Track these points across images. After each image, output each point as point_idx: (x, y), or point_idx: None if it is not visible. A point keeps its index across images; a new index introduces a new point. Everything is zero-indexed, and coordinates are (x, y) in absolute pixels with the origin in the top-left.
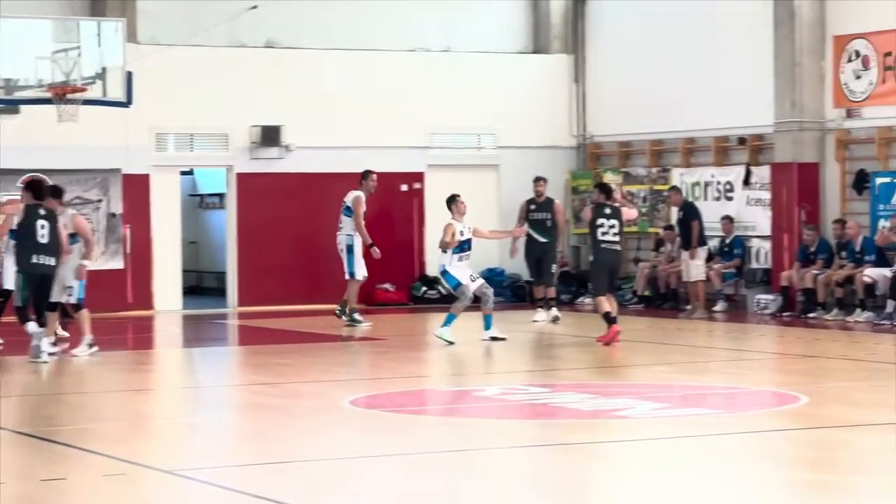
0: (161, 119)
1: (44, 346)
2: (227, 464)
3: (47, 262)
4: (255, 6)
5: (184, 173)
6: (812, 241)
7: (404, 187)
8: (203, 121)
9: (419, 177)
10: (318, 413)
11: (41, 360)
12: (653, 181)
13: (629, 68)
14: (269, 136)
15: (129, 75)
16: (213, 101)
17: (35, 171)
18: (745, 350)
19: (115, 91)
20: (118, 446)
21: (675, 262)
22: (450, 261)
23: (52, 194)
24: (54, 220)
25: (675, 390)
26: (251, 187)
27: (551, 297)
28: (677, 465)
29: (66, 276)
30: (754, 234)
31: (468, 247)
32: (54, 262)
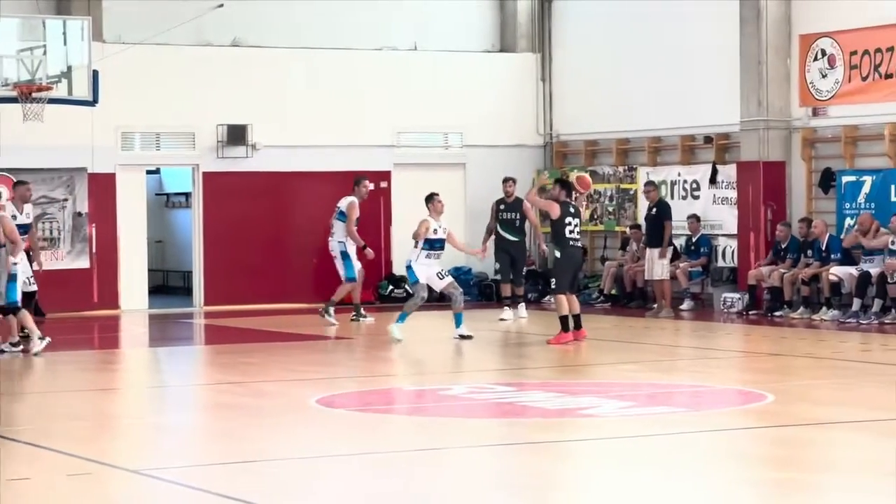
0: (127, 118)
1: None
2: (193, 463)
3: None
4: (220, 5)
5: (150, 172)
6: (785, 237)
7: (371, 186)
8: (169, 120)
9: (386, 175)
10: (285, 412)
11: None
12: (619, 180)
13: (596, 67)
14: (236, 134)
15: (95, 74)
16: (179, 100)
17: (1, 170)
18: (712, 348)
19: (81, 90)
20: (84, 446)
21: (642, 261)
22: (417, 256)
23: None
24: None
25: (641, 389)
26: (217, 186)
27: (519, 294)
28: (643, 463)
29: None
30: (721, 233)
31: (440, 246)
32: None
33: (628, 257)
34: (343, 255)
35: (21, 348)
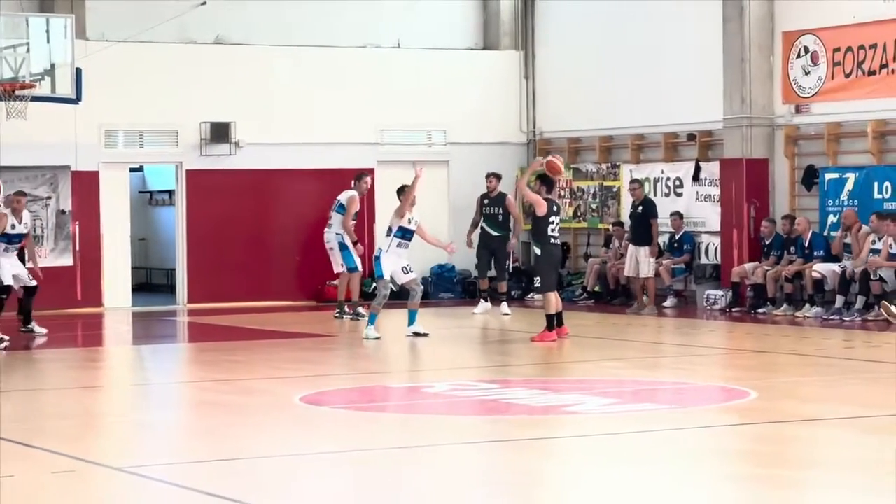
0: (110, 116)
1: None
2: (177, 461)
3: None
4: (203, 2)
5: (133, 170)
6: (769, 233)
7: (353, 183)
8: (152, 117)
9: (369, 173)
10: (269, 410)
11: None
12: (602, 177)
13: (579, 64)
14: (219, 132)
15: (78, 72)
16: (163, 98)
17: None
18: (695, 345)
19: (64, 87)
20: (68, 444)
21: (625, 258)
22: (388, 245)
23: None
24: None
25: (625, 386)
26: (201, 184)
27: (502, 291)
28: (627, 460)
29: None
30: (704, 230)
31: (410, 236)
32: None
33: (612, 254)
34: (341, 246)
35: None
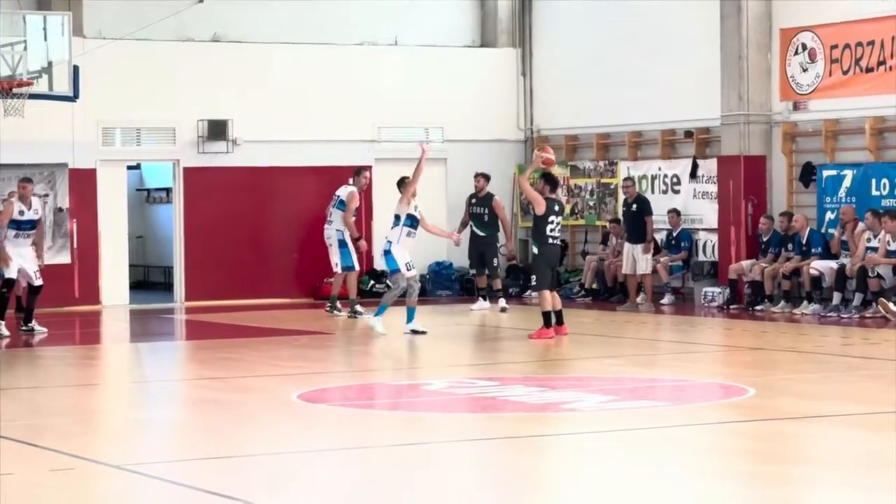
0: (108, 113)
1: None
2: (175, 459)
3: None
4: (201, 0)
5: (130, 168)
6: (767, 230)
7: (351, 181)
8: (150, 115)
9: (367, 170)
10: (266, 407)
11: None
12: (600, 174)
13: (576, 62)
14: (217, 130)
15: (76, 69)
16: (160, 96)
17: None
18: (693, 343)
19: (62, 85)
20: (66, 441)
21: (621, 256)
22: (398, 236)
23: None
24: None
25: (623, 383)
26: (198, 182)
27: (497, 288)
28: (625, 457)
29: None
30: (701, 227)
31: (417, 225)
32: None
33: (609, 252)
34: (341, 243)
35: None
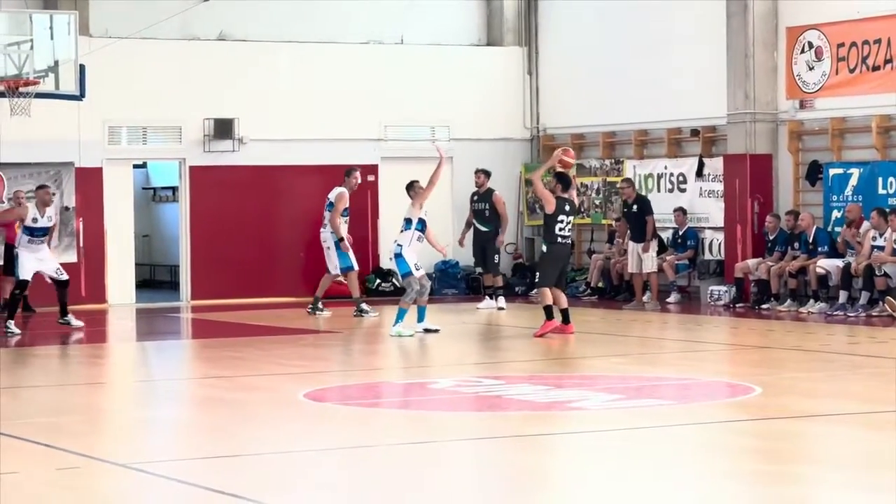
0: (114, 112)
1: None
2: (181, 457)
3: None
4: None
5: (136, 166)
6: (774, 228)
7: (359, 178)
8: (156, 114)
9: (373, 169)
10: (272, 406)
11: None
12: (606, 173)
13: (582, 60)
14: (223, 128)
15: (82, 68)
16: (166, 94)
17: None
18: (699, 341)
19: (68, 84)
20: (72, 440)
21: (627, 255)
22: (409, 240)
23: None
24: None
25: (629, 381)
26: (204, 180)
27: (498, 286)
28: (631, 456)
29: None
30: (707, 226)
31: (425, 229)
32: None
33: (615, 250)
34: (337, 245)
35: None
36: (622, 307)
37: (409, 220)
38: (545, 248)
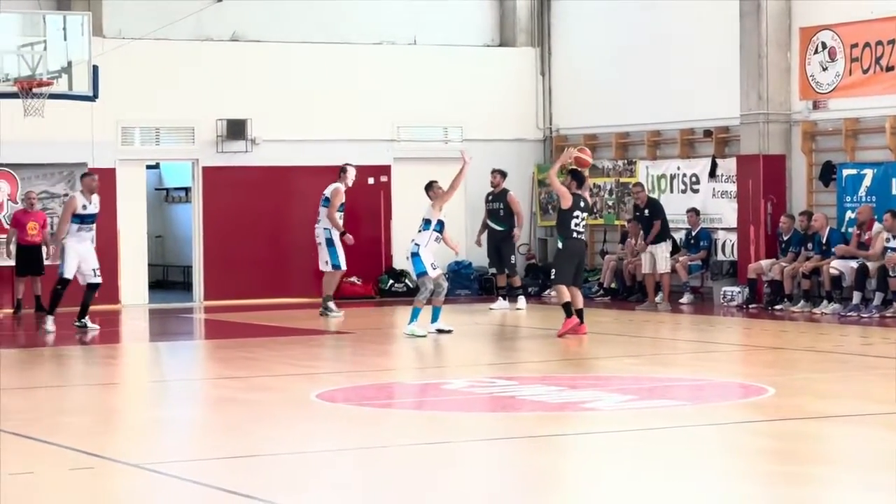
0: (127, 113)
1: None
2: (194, 458)
3: None
4: None
5: (149, 167)
6: (788, 228)
7: (371, 180)
8: (169, 114)
9: (386, 170)
10: (285, 407)
11: None
12: (619, 174)
13: (595, 61)
14: (235, 129)
15: (95, 69)
16: (179, 95)
17: (2, 166)
18: (712, 342)
19: (81, 85)
20: (86, 440)
21: (640, 255)
22: (427, 240)
23: None
24: None
25: (642, 382)
26: (217, 181)
27: (515, 286)
28: (644, 457)
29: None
30: (720, 227)
31: (443, 231)
32: None
33: (628, 251)
34: (328, 241)
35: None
36: (635, 308)
37: (427, 221)
38: (561, 244)
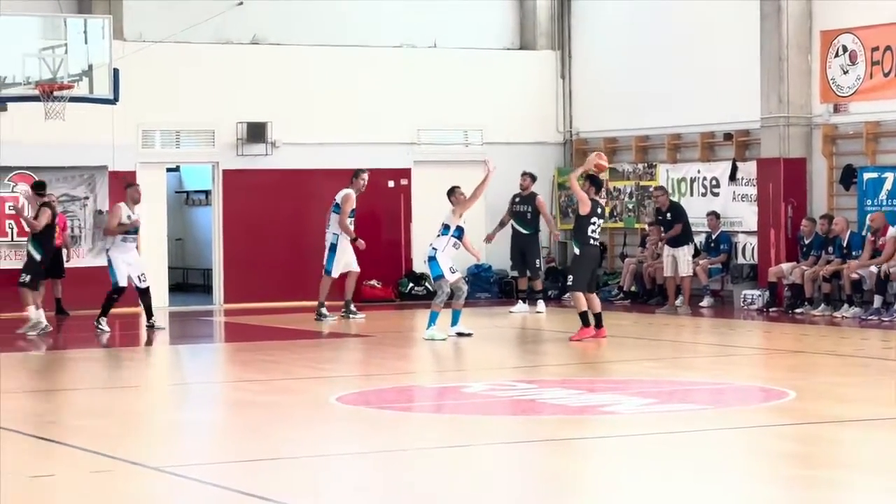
0: (147, 116)
1: None
2: (214, 461)
3: None
4: (240, 2)
5: (170, 170)
6: (809, 232)
7: (391, 184)
8: (189, 117)
9: (406, 173)
10: (305, 410)
11: None
12: (639, 177)
13: (615, 64)
14: (256, 132)
15: (116, 72)
16: (200, 98)
17: (22, 168)
18: (733, 345)
19: (102, 88)
20: (106, 443)
21: (661, 258)
22: (445, 245)
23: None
24: None
25: (662, 386)
26: (237, 184)
27: (537, 289)
28: (665, 460)
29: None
30: (741, 230)
31: (463, 237)
32: None
33: (648, 254)
34: (332, 247)
35: None
36: (655, 311)
37: (447, 227)
38: (577, 251)
